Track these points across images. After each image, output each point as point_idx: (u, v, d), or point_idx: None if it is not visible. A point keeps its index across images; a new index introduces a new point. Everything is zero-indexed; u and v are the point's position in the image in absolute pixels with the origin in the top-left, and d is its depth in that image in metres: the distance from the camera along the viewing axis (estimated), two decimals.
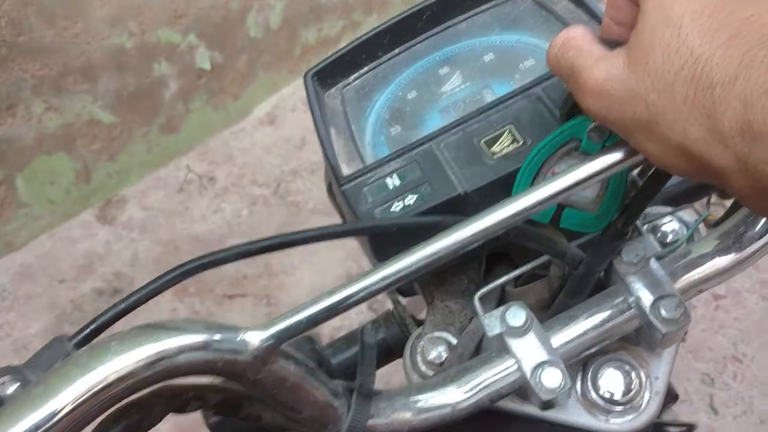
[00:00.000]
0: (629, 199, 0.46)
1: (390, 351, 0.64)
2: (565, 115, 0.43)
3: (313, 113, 0.52)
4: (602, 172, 0.39)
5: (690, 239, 0.57)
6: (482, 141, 0.47)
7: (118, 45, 1.73)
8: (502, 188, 0.46)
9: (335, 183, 0.49)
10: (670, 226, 0.57)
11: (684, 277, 0.49)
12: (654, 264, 0.48)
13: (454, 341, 0.56)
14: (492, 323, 0.48)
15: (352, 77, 0.54)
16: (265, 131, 2.08)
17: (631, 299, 0.48)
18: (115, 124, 1.83)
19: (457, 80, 0.53)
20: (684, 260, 0.50)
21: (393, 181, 0.47)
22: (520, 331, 0.47)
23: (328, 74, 0.53)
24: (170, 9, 1.79)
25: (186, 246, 1.83)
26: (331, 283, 1.70)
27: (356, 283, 0.39)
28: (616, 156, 0.39)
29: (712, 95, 0.33)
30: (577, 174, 0.39)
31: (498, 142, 0.47)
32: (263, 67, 2.06)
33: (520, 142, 0.46)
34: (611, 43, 0.39)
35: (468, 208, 0.46)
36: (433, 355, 0.56)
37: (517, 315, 0.47)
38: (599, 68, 0.38)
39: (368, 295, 0.39)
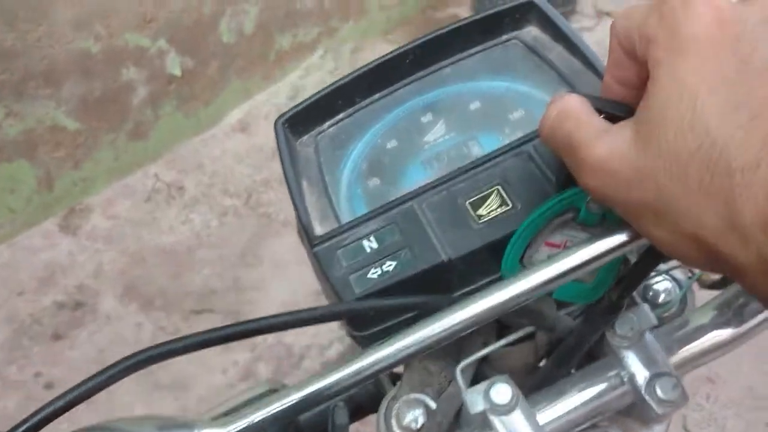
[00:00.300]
0: (626, 270, 0.42)
1: (361, 408, 0.60)
2: (561, 183, 0.40)
3: (283, 163, 0.47)
4: (605, 255, 0.35)
5: (683, 301, 0.54)
6: (468, 202, 0.43)
7: (83, 49, 1.66)
8: (489, 255, 0.42)
9: (306, 243, 0.45)
10: (662, 285, 0.53)
11: (680, 351, 0.46)
12: (649, 337, 0.45)
13: (432, 405, 0.52)
14: (474, 399, 0.44)
15: (327, 124, 0.50)
16: (237, 139, 2.02)
17: (624, 374, 0.45)
18: (80, 131, 1.76)
19: (441, 129, 0.49)
20: (680, 332, 0.47)
21: (370, 244, 0.43)
22: (505, 409, 0.44)
23: (301, 120, 0.49)
24: (139, 12, 1.72)
25: (153, 258, 1.77)
26: (302, 301, 1.66)
27: (331, 375, 0.35)
28: (620, 238, 0.35)
29: (731, 182, 0.29)
30: (579, 256, 0.35)
31: (485, 205, 0.43)
32: (236, 73, 2.00)
33: (509, 206, 0.42)
34: (615, 111, 0.35)
35: (452, 276, 0.42)
36: (408, 419, 0.52)
37: (501, 392, 0.43)
38: (602, 144, 0.34)
39: (343, 390, 0.34)
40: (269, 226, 1.84)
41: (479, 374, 0.53)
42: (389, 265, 0.42)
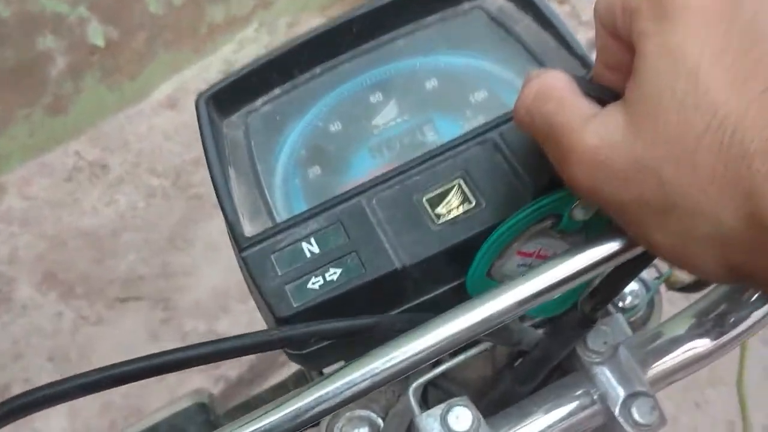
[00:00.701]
0: (602, 279, 0.37)
1: None
2: (536, 180, 0.34)
3: (205, 148, 0.40)
4: (594, 267, 0.29)
5: (650, 305, 0.49)
6: (425, 199, 0.37)
7: None
8: (449, 261, 0.36)
9: (234, 246, 0.37)
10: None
11: (655, 365, 0.41)
12: (623, 352, 0.40)
13: (379, 423, 0.47)
14: (429, 426, 0.38)
15: (260, 102, 0.42)
16: (165, 116, 1.91)
17: (595, 393, 0.40)
18: None
19: (392, 111, 0.42)
20: (654, 344, 0.42)
21: (310, 248, 0.36)
22: None
23: (229, 97, 0.42)
24: None
25: (74, 241, 1.65)
26: (235, 288, 1.58)
27: (268, 416, 0.28)
28: (611, 247, 0.30)
29: (749, 170, 0.24)
30: (564, 269, 0.29)
31: (444, 202, 0.37)
32: (164, 46, 1.88)
33: (472, 203, 0.36)
34: (606, 96, 0.30)
35: (407, 285, 0.36)
36: None
37: (461, 417, 0.38)
38: (590, 131, 0.28)
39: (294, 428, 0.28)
40: (200, 207, 1.74)
41: (430, 385, 0.47)
42: (333, 273, 0.35)
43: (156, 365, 0.27)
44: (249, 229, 0.38)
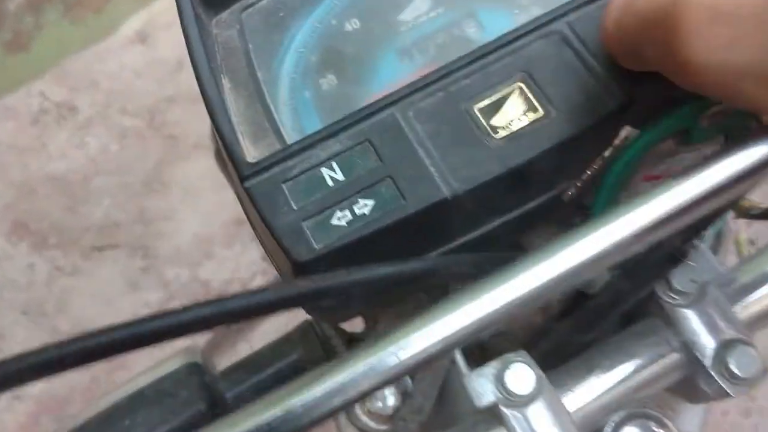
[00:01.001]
0: None
1: None
2: (627, 86, 0.27)
3: (192, 53, 0.31)
4: (753, 173, 0.22)
5: (719, 235, 0.42)
6: (476, 107, 0.29)
7: None
8: (512, 186, 0.28)
9: (234, 174, 0.29)
10: None
11: (751, 306, 0.34)
12: (713, 292, 0.33)
13: (407, 383, 0.40)
14: (482, 388, 0.31)
15: None
16: (136, 51, 1.78)
17: (677, 342, 0.33)
18: None
19: (424, 3, 0.34)
20: (743, 280, 0.34)
21: (333, 174, 0.28)
22: (525, 400, 0.31)
23: None
24: None
25: (43, 188, 1.55)
26: (219, 233, 1.50)
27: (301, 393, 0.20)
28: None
29: None
30: (724, 169, 0.22)
31: (502, 111, 0.29)
32: None
33: (539, 111, 0.29)
34: None
35: (458, 218, 0.28)
36: (378, 404, 0.40)
37: (521, 377, 0.31)
38: None
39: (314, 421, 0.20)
40: (176, 148, 1.64)
41: None
42: (364, 206, 0.28)
43: (142, 334, 0.19)
44: (252, 152, 0.30)
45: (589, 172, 0.29)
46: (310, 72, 0.32)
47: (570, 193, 0.30)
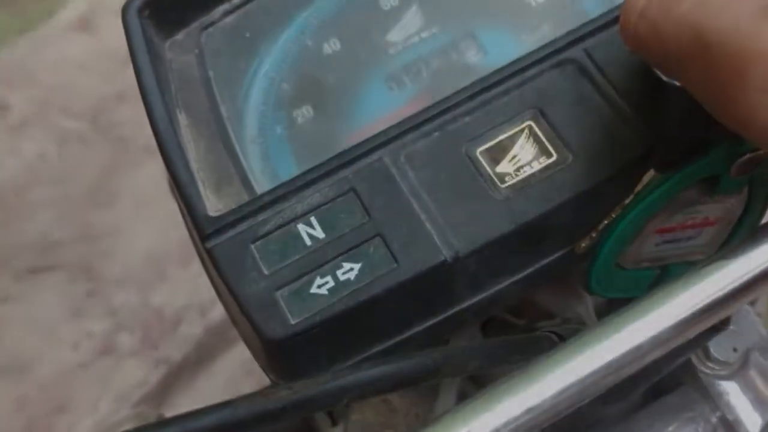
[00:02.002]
0: None
1: None
2: (656, 126, 0.26)
3: (141, 83, 0.30)
4: None
5: None
6: (479, 151, 0.28)
7: None
8: (523, 247, 0.27)
9: (193, 231, 0.28)
10: None
11: None
12: (757, 360, 0.32)
13: None
14: None
15: (220, 11, 0.33)
16: (78, 41, 1.77)
17: (713, 418, 0.32)
18: None
19: (415, 21, 0.33)
20: None
21: (312, 231, 0.27)
22: None
23: (171, 4, 0.32)
24: None
25: None
26: (175, 251, 1.48)
27: None
28: None
29: None
30: None
31: (510, 156, 0.28)
32: None
33: (552, 156, 0.28)
34: None
35: (459, 282, 0.28)
36: None
37: None
38: None
39: None
40: (125, 153, 1.62)
41: (461, 395, 0.40)
42: (349, 270, 0.27)
43: None
44: (216, 204, 0.28)
45: (606, 222, 0.29)
46: (282, 104, 0.31)
47: (584, 245, 0.29)
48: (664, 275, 0.31)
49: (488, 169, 0.28)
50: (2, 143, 1.60)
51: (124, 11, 0.31)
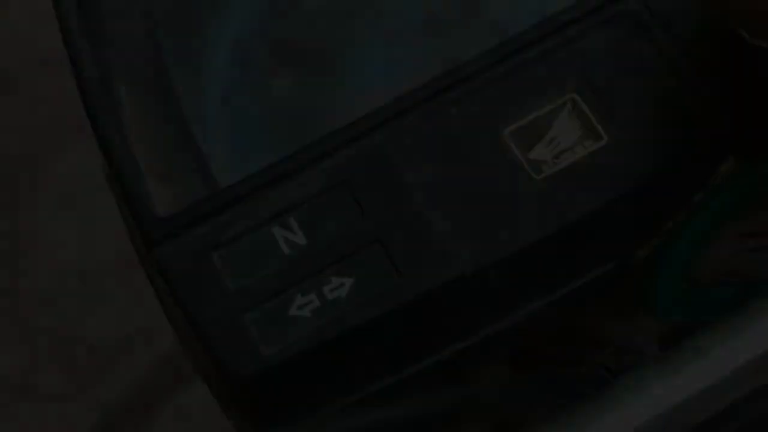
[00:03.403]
0: None
1: None
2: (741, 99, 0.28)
3: (69, 43, 0.31)
4: None
5: None
6: (507, 132, 0.30)
7: None
8: (563, 257, 0.29)
9: (138, 237, 0.30)
10: None
11: None
12: None
13: None
14: None
15: None
16: None
17: None
18: None
19: None
20: None
21: (290, 236, 0.29)
22: None
23: None
24: None
25: None
26: (112, 260, 1.50)
27: None
28: None
29: None
30: None
31: (546, 137, 0.29)
32: None
33: (603, 139, 0.29)
34: None
35: (479, 304, 0.29)
36: None
37: None
38: None
39: None
40: (51, 134, 1.65)
41: None
42: (339, 286, 0.28)
43: None
44: (166, 200, 0.30)
45: (672, 224, 0.30)
46: (252, 70, 0.33)
47: (644, 254, 0.30)
48: (750, 293, 0.32)
49: (519, 155, 0.29)
50: None
51: None
